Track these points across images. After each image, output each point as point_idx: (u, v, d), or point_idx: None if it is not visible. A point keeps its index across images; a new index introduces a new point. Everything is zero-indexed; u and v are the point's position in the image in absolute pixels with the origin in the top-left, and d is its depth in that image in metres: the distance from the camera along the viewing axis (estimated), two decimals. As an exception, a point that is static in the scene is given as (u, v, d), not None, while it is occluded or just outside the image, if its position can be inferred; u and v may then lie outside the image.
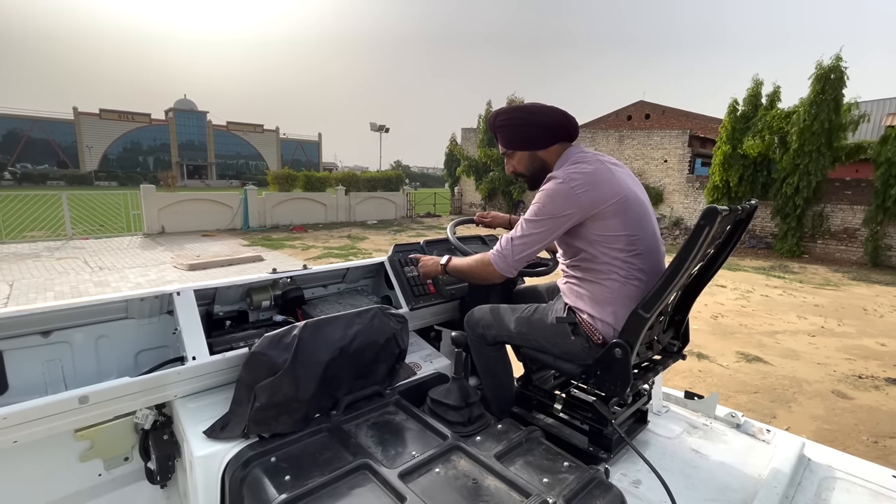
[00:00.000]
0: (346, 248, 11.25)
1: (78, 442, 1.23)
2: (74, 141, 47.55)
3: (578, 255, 1.31)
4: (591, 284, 1.29)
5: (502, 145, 1.48)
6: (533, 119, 1.40)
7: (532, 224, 1.29)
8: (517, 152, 1.45)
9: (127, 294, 1.35)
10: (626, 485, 1.22)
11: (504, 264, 1.35)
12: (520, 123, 1.42)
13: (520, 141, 1.43)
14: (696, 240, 1.07)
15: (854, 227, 11.43)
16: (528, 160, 1.44)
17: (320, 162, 65.27)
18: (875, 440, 3.27)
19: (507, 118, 1.44)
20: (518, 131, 1.43)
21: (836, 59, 10.79)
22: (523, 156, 1.45)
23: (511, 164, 1.49)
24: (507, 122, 1.44)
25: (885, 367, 4.62)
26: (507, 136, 1.45)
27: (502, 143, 1.47)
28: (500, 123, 1.46)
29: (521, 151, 1.44)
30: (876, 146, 10.60)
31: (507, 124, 1.44)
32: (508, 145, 1.46)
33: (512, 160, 1.48)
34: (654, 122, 25.19)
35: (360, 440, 1.12)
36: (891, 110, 14.31)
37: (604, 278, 1.26)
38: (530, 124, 1.41)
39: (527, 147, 1.43)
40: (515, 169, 1.48)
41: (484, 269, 1.41)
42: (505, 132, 1.45)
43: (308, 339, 1.21)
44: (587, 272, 1.30)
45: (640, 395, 1.46)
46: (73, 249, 9.93)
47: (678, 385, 3.98)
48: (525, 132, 1.42)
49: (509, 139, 1.45)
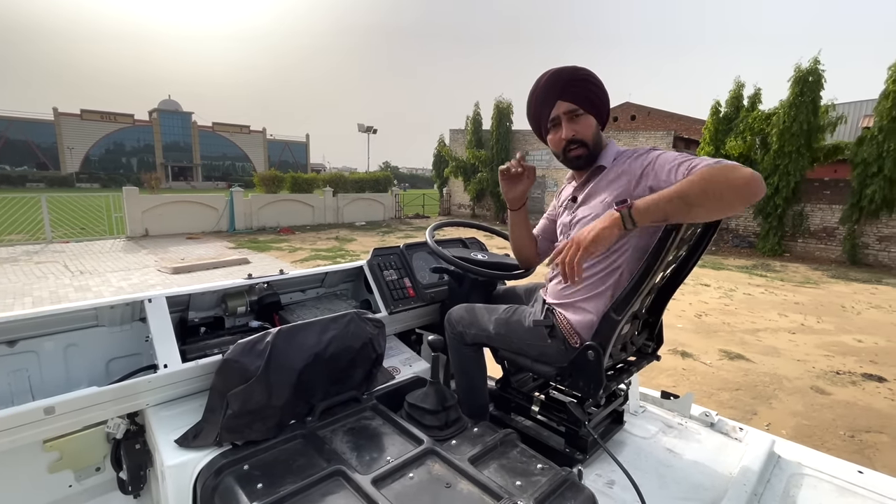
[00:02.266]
0: (333, 250, 11.18)
1: (46, 453, 1.21)
2: (54, 142, 46.50)
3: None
4: (586, 284, 1.26)
5: (574, 101, 1.26)
6: (607, 94, 1.28)
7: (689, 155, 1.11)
8: (591, 116, 1.28)
9: (97, 301, 1.32)
10: (600, 485, 1.23)
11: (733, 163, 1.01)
12: (603, 90, 1.27)
13: (598, 105, 1.28)
14: (664, 243, 1.09)
15: (833, 226, 11.70)
16: (595, 130, 1.29)
17: (308, 163, 64.79)
18: (852, 435, 3.35)
19: (587, 77, 1.26)
20: (600, 95, 1.27)
21: (814, 61, 11.06)
22: (592, 123, 1.28)
23: (575, 128, 1.27)
24: (589, 79, 1.26)
25: (861, 363, 4.74)
26: (586, 93, 1.26)
27: (575, 99, 1.25)
28: (581, 78, 1.26)
29: (593, 119, 1.28)
30: (853, 147, 10.89)
31: (589, 81, 1.26)
32: (585, 104, 1.26)
33: (579, 123, 1.27)
34: (639, 124, 25.50)
35: (334, 446, 1.12)
36: (867, 112, 14.68)
37: (599, 279, 1.24)
38: (606, 95, 1.28)
39: (599, 117, 1.29)
40: (581, 135, 1.27)
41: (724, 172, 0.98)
42: (586, 87, 1.26)
43: (281, 345, 1.20)
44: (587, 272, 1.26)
45: (617, 395, 1.48)
46: (53, 253, 9.71)
47: (663, 383, 4.03)
48: (605, 100, 1.28)
49: (588, 98, 1.26)
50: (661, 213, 1.02)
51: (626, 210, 1.03)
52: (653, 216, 1.03)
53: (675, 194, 1.00)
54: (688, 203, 0.99)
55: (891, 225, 10.89)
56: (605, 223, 1.05)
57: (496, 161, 18.76)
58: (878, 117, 10.29)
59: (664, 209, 1.01)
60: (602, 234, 1.05)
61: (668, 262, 1.19)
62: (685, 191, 0.99)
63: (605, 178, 1.27)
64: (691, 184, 0.99)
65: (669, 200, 1.00)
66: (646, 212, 1.02)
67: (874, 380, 4.33)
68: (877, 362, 4.77)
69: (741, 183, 0.96)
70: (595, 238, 1.05)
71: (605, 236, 1.05)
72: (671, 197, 1.00)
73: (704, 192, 0.98)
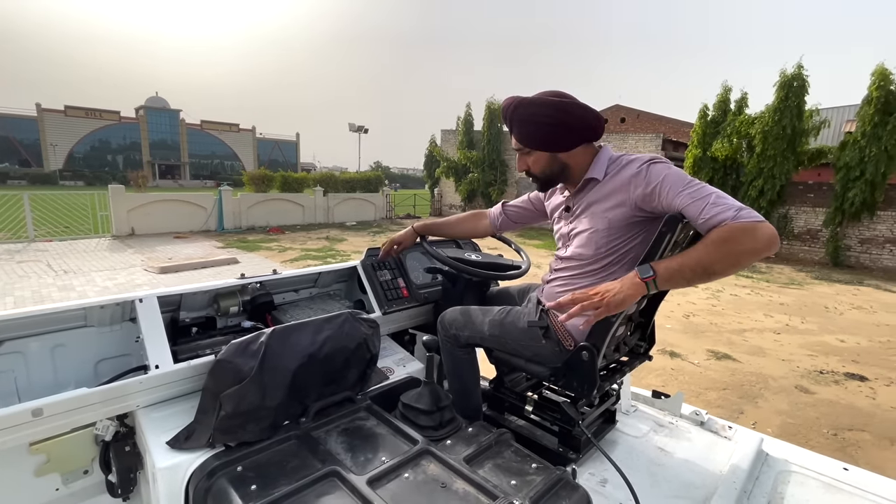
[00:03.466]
0: (324, 250, 11.11)
1: (33, 456, 1.18)
2: (38, 139, 45.53)
3: (591, 252, 1.25)
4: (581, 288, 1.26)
5: (518, 140, 1.30)
6: (562, 119, 1.23)
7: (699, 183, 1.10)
8: (535, 151, 1.29)
9: (86, 301, 1.30)
10: (593, 484, 1.24)
11: (755, 215, 1.00)
12: (545, 122, 1.24)
13: (541, 140, 1.27)
14: (658, 246, 1.10)
15: (816, 229, 11.95)
16: (546, 161, 1.29)
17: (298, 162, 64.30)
18: (835, 433, 3.42)
19: (530, 113, 1.25)
20: (542, 129, 1.25)
21: (799, 66, 11.28)
22: (542, 156, 1.29)
23: (525, 162, 1.32)
24: (530, 118, 1.25)
25: (844, 363, 4.84)
26: (525, 133, 1.27)
27: (518, 138, 1.29)
28: (521, 118, 1.26)
29: (541, 152, 1.28)
30: (836, 151, 11.13)
31: (528, 120, 1.26)
32: (526, 142, 1.28)
33: (527, 159, 1.31)
34: (629, 126, 25.77)
35: (329, 447, 1.11)
36: (849, 117, 15.02)
37: (596, 279, 1.26)
38: (558, 124, 1.24)
39: (549, 148, 1.27)
40: (529, 168, 1.32)
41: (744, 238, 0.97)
42: (524, 127, 1.27)
43: (275, 345, 1.19)
44: (584, 274, 1.27)
45: (609, 395, 1.49)
46: (36, 252, 9.50)
47: (652, 383, 4.08)
48: (549, 132, 1.25)
49: (528, 136, 1.27)
50: (684, 281, 1.05)
51: (652, 281, 1.05)
52: (675, 285, 1.07)
53: (698, 265, 1.02)
54: (710, 272, 1.02)
55: (872, 228, 11.16)
56: (631, 291, 1.07)
57: (487, 162, 18.82)
58: (861, 122, 10.53)
59: (686, 277, 1.04)
60: (627, 301, 1.07)
61: None
62: (707, 261, 1.01)
63: (600, 190, 1.25)
64: (712, 254, 1.00)
65: (693, 270, 1.03)
66: (668, 281, 1.05)
67: (856, 379, 4.43)
68: (859, 362, 4.88)
69: (762, 248, 0.97)
70: (621, 303, 1.07)
71: (629, 303, 1.08)
72: (694, 267, 1.02)
73: (725, 261, 1.00)
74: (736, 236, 0.98)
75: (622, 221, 1.21)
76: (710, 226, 1.02)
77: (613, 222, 1.21)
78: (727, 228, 0.99)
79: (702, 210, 1.03)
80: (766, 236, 0.97)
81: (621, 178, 1.21)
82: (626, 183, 1.19)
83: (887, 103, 10.10)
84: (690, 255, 1.03)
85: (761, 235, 0.97)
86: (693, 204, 1.05)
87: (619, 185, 1.21)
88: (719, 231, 1.00)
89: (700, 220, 1.03)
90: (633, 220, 1.20)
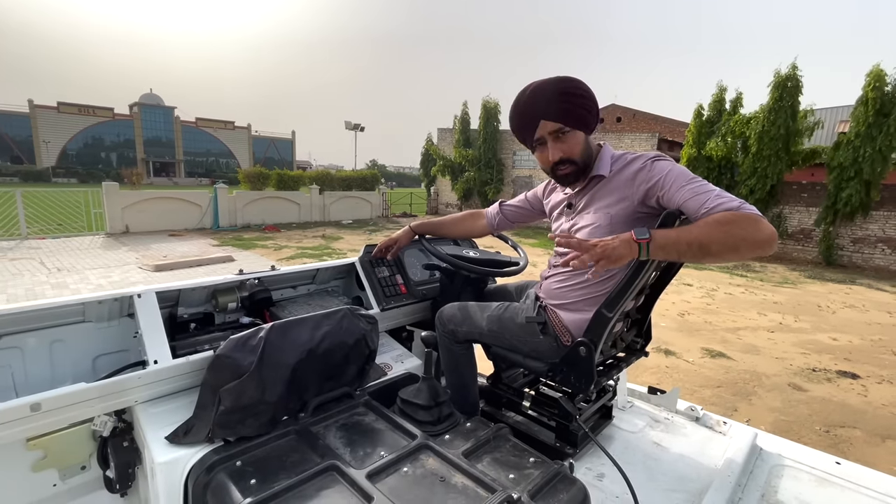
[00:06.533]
0: (320, 248, 11.09)
1: (30, 451, 1.18)
2: (30, 135, 45.15)
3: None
4: (579, 284, 1.28)
5: (561, 120, 1.19)
6: (594, 98, 1.20)
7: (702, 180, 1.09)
8: (578, 132, 1.21)
9: (84, 297, 1.29)
10: (590, 478, 1.25)
11: (758, 211, 1.00)
12: (590, 97, 1.18)
13: (582, 120, 1.20)
14: None
15: (809, 228, 12.05)
16: (585, 144, 1.22)
17: (294, 160, 64.11)
18: (827, 429, 3.46)
19: (574, 86, 1.18)
20: (586, 106, 1.19)
21: (793, 67, 11.36)
22: (581, 138, 1.21)
23: (562, 147, 1.21)
24: (579, 92, 1.18)
25: (836, 361, 4.90)
26: (572, 110, 1.18)
27: (562, 117, 1.19)
28: (568, 91, 1.18)
29: (581, 132, 1.21)
30: (829, 151, 11.22)
31: (578, 93, 1.18)
32: (571, 121, 1.19)
33: (566, 142, 1.21)
34: (625, 125, 25.86)
35: (328, 442, 1.12)
36: (843, 118, 15.14)
37: (596, 284, 1.26)
38: (594, 104, 1.19)
39: (588, 129, 1.22)
40: (569, 153, 1.21)
41: (747, 224, 0.97)
42: (572, 104, 1.18)
43: (275, 340, 1.19)
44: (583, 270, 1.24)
45: (606, 391, 1.51)
46: (29, 250, 9.43)
47: (647, 380, 4.11)
48: (591, 110, 1.20)
49: (576, 114, 1.19)
50: (676, 253, 1.02)
51: (646, 244, 1.02)
52: (667, 255, 1.04)
53: (696, 240, 0.99)
54: (705, 251, 0.99)
55: (864, 227, 11.27)
56: (624, 250, 1.02)
57: (484, 160, 18.82)
58: (855, 123, 10.62)
59: (680, 251, 1.01)
60: (622, 257, 1.02)
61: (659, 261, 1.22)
62: (705, 239, 0.98)
63: (605, 186, 1.26)
64: (712, 232, 0.98)
65: (689, 244, 0.99)
66: (662, 249, 1.02)
67: (848, 377, 4.48)
68: (850, 360, 4.94)
69: (763, 240, 0.97)
70: (618, 258, 1.02)
71: (624, 261, 1.03)
72: (690, 241, 0.99)
73: (724, 243, 0.97)
74: (739, 221, 0.97)
75: (624, 218, 1.21)
76: (713, 210, 1.01)
77: (615, 218, 1.22)
78: (732, 213, 0.99)
79: (704, 202, 1.03)
80: (768, 231, 0.97)
81: (626, 174, 1.22)
82: (630, 179, 1.20)
83: (882, 104, 10.19)
84: (690, 230, 1.01)
85: (764, 227, 0.97)
86: (695, 198, 1.05)
87: (624, 181, 1.21)
88: (724, 214, 0.99)
89: (702, 210, 1.02)
90: (636, 217, 1.21)
